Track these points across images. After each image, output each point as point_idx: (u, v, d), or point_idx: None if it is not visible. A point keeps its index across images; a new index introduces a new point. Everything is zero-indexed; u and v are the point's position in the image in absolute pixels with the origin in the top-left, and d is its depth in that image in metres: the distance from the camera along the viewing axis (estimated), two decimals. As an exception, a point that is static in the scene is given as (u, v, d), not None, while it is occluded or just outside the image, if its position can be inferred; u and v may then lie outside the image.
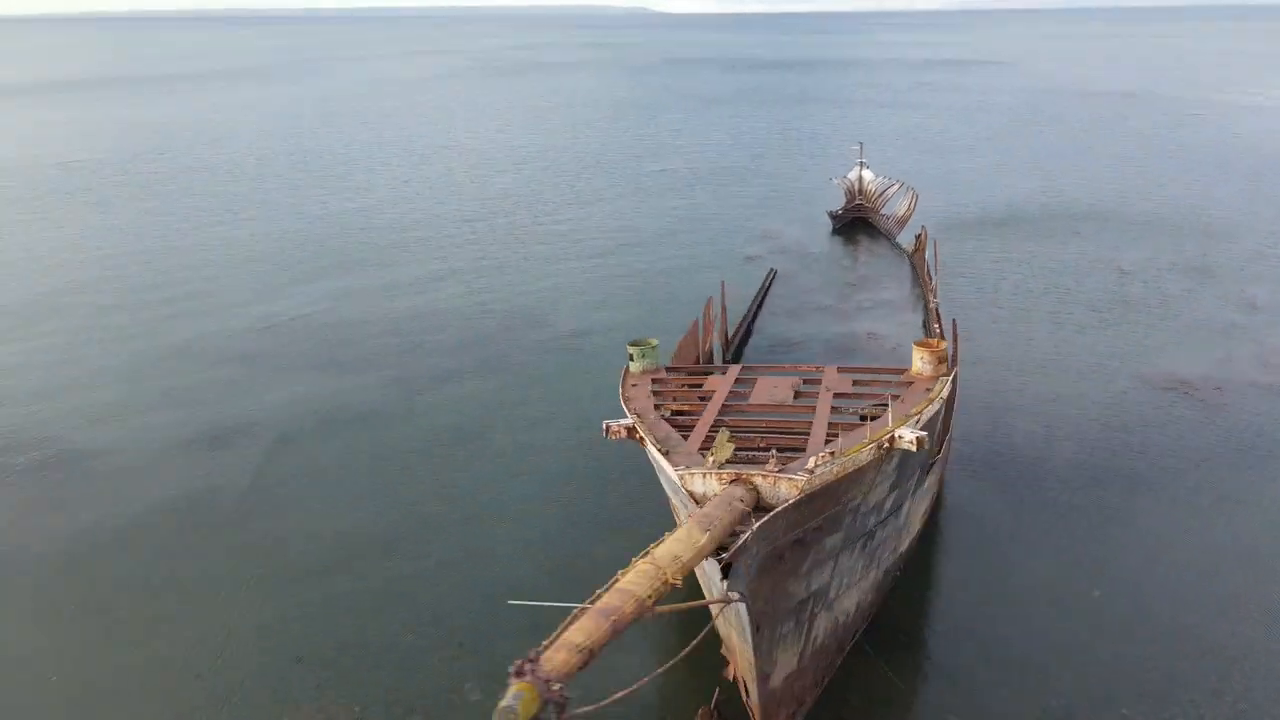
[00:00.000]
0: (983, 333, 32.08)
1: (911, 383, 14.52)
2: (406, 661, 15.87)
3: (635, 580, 7.91)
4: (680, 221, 50.21)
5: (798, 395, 14.64)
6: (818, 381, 15.13)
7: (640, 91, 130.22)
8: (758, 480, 10.82)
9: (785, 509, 10.52)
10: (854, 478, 11.63)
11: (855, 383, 15.17)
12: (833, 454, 11.12)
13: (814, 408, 13.85)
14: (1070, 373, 28.36)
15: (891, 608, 17.24)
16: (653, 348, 15.95)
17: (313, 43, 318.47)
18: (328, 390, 28.11)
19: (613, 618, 7.41)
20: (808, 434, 12.79)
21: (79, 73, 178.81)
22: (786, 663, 12.97)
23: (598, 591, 7.78)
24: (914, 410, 12.79)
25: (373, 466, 23.17)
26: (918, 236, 39.27)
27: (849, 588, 13.97)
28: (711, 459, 11.42)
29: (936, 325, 29.51)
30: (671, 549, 8.48)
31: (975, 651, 16.22)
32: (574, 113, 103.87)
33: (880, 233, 45.70)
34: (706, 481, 11.17)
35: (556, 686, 6.70)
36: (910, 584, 17.84)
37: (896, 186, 47.96)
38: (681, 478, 11.51)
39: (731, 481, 10.86)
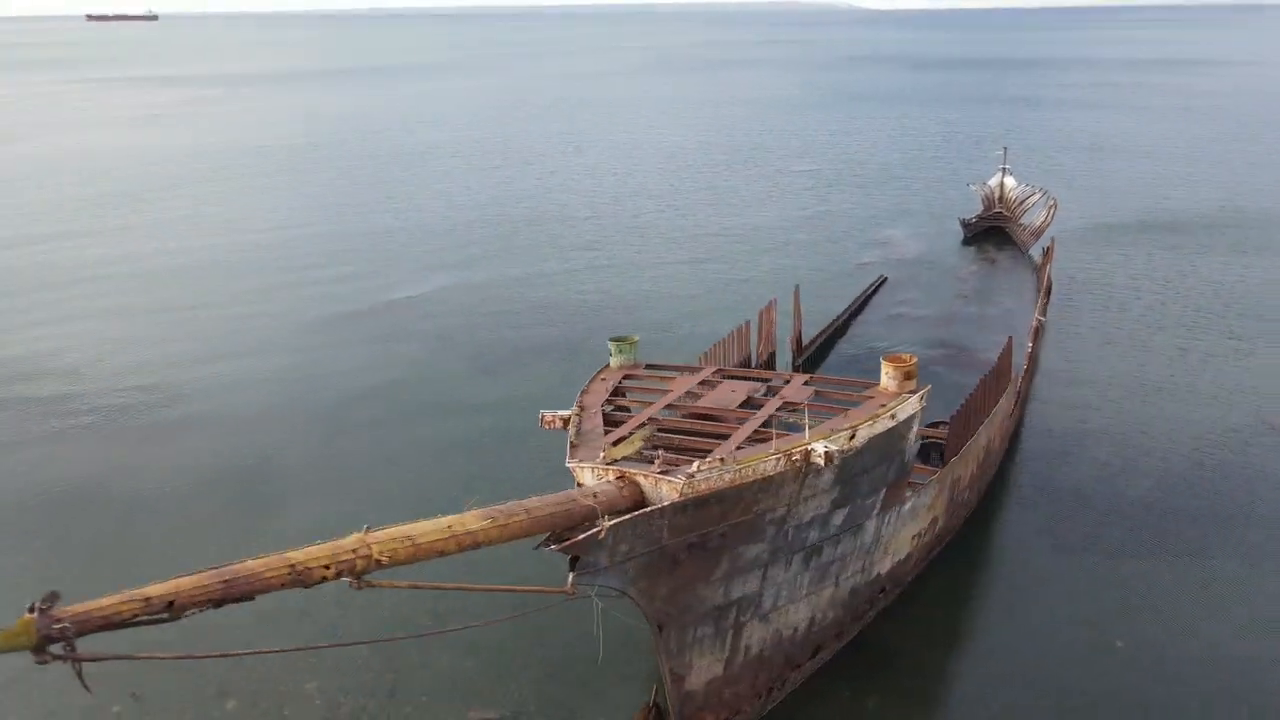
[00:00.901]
0: (1090, 354, 29.80)
1: (873, 398, 13.94)
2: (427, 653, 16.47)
3: (315, 550, 8.04)
4: (805, 224, 49.30)
5: (747, 401, 14.38)
6: (778, 389, 14.79)
7: (808, 90, 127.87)
8: (640, 480, 10.86)
9: (654, 510, 10.51)
10: (761, 487, 11.39)
11: (816, 393, 14.71)
12: (722, 460, 10.97)
13: (752, 414, 13.58)
14: (1177, 404, 25.86)
15: (884, 631, 16.63)
16: (631, 344, 16.11)
17: (501, 38, 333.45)
18: (423, 375, 29.66)
19: (227, 579, 7.37)
20: (725, 439, 12.60)
21: (295, 65, 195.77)
22: (707, 668, 12.86)
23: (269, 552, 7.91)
24: (847, 425, 12.31)
25: (451, 452, 23.98)
26: (1046, 249, 36.82)
27: (793, 602, 13.63)
28: (602, 454, 11.56)
29: (1030, 343, 27.71)
30: (413, 530, 8.53)
31: (963, 683, 15.43)
32: (735, 110, 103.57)
33: (1014, 244, 43.06)
34: (594, 475, 11.33)
35: (59, 626, 6.65)
36: (909, 608, 17.08)
37: (1038, 195, 44.95)
38: (573, 470, 11.73)
39: (617, 478, 10.96)
